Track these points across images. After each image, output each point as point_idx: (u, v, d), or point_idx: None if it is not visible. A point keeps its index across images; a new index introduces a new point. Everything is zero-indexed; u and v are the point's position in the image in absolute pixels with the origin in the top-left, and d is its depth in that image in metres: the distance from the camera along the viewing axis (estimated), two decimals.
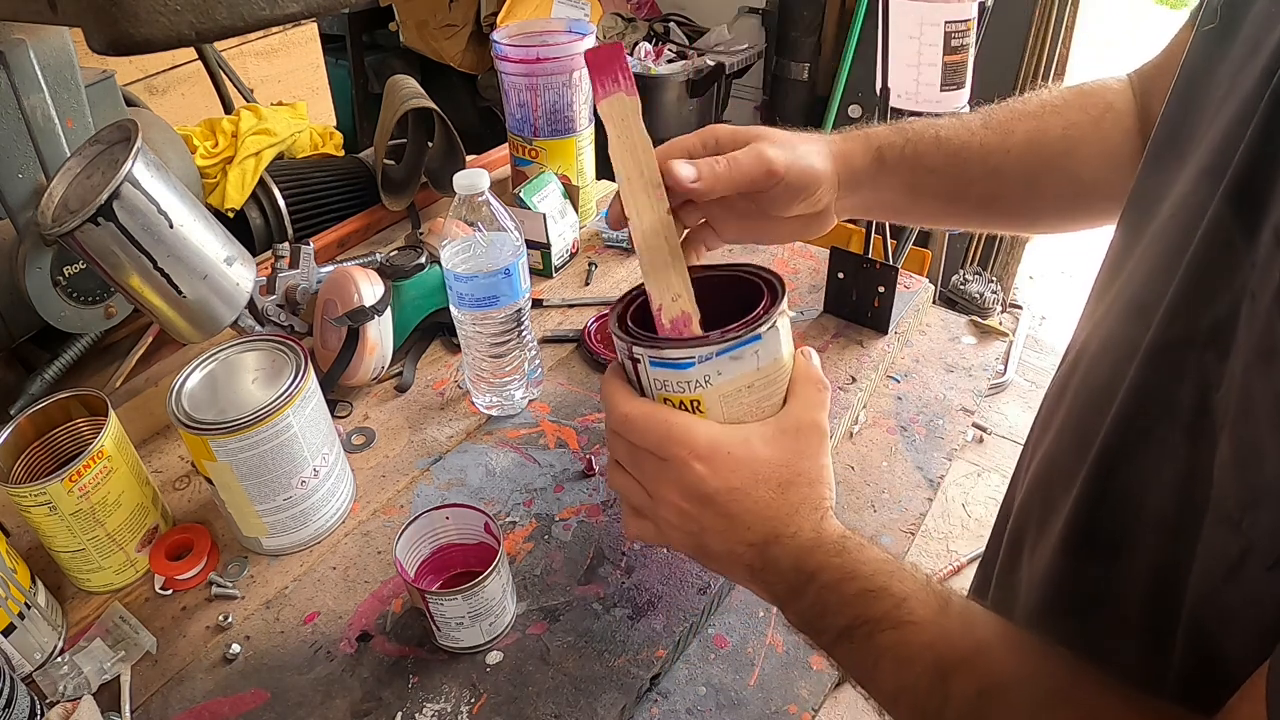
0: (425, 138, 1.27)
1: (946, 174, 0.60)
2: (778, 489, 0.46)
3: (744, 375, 0.46)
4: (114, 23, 0.44)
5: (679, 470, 0.46)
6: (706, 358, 0.45)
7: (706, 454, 0.46)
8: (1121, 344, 0.44)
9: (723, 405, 0.47)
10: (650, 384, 0.47)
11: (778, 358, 0.47)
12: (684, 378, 0.46)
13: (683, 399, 0.47)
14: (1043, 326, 2.91)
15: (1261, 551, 0.31)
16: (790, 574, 0.46)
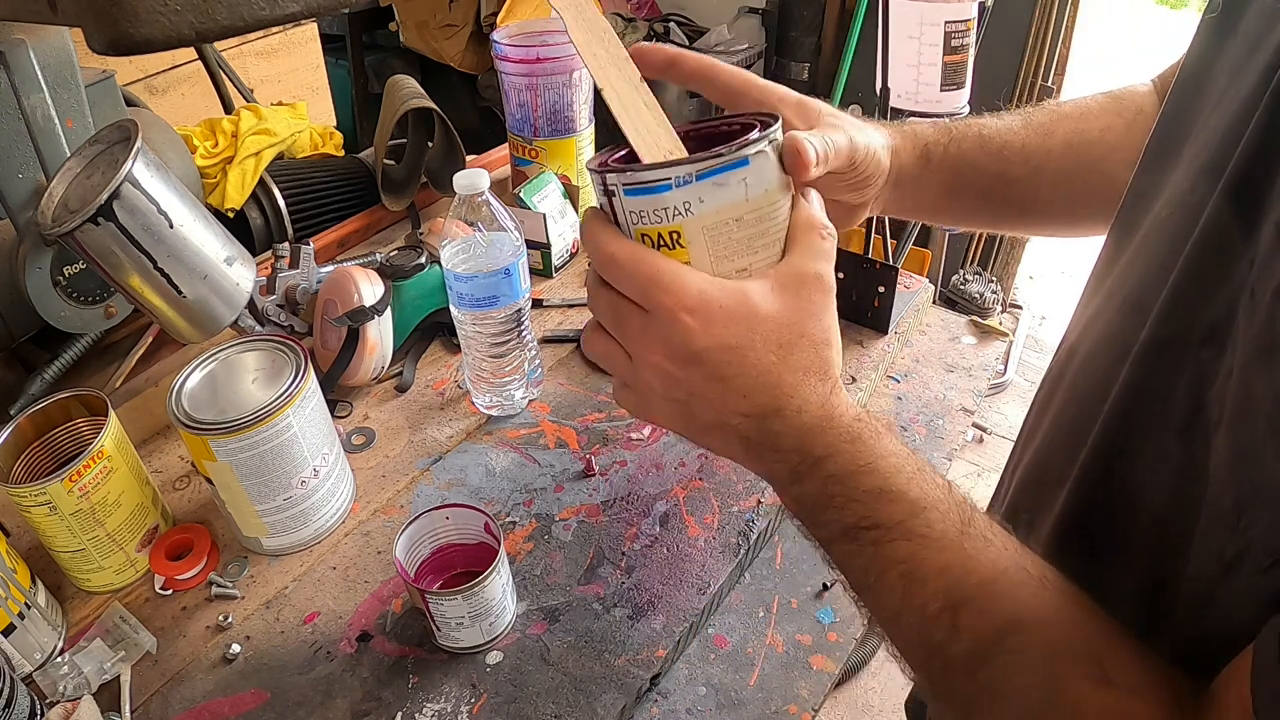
0: (425, 138, 1.27)
1: (988, 172, 0.59)
2: (779, 351, 0.41)
3: (731, 205, 0.40)
4: (114, 23, 0.44)
5: (665, 324, 0.40)
6: (685, 180, 0.39)
7: (696, 305, 0.40)
8: (1116, 341, 0.43)
9: (707, 239, 0.41)
10: (627, 219, 0.42)
11: (770, 190, 0.41)
12: (661, 204, 0.40)
13: (661, 231, 0.41)
14: (1043, 326, 2.91)
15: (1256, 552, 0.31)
16: (792, 455, 0.41)
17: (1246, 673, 0.29)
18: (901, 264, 1.35)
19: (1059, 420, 0.50)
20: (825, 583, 0.76)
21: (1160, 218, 0.43)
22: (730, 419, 0.42)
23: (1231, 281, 0.35)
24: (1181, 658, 0.36)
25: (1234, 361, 0.34)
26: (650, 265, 0.40)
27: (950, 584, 0.37)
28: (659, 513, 0.78)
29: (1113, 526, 0.42)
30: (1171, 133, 0.46)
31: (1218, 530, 0.34)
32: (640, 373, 0.43)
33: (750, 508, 0.78)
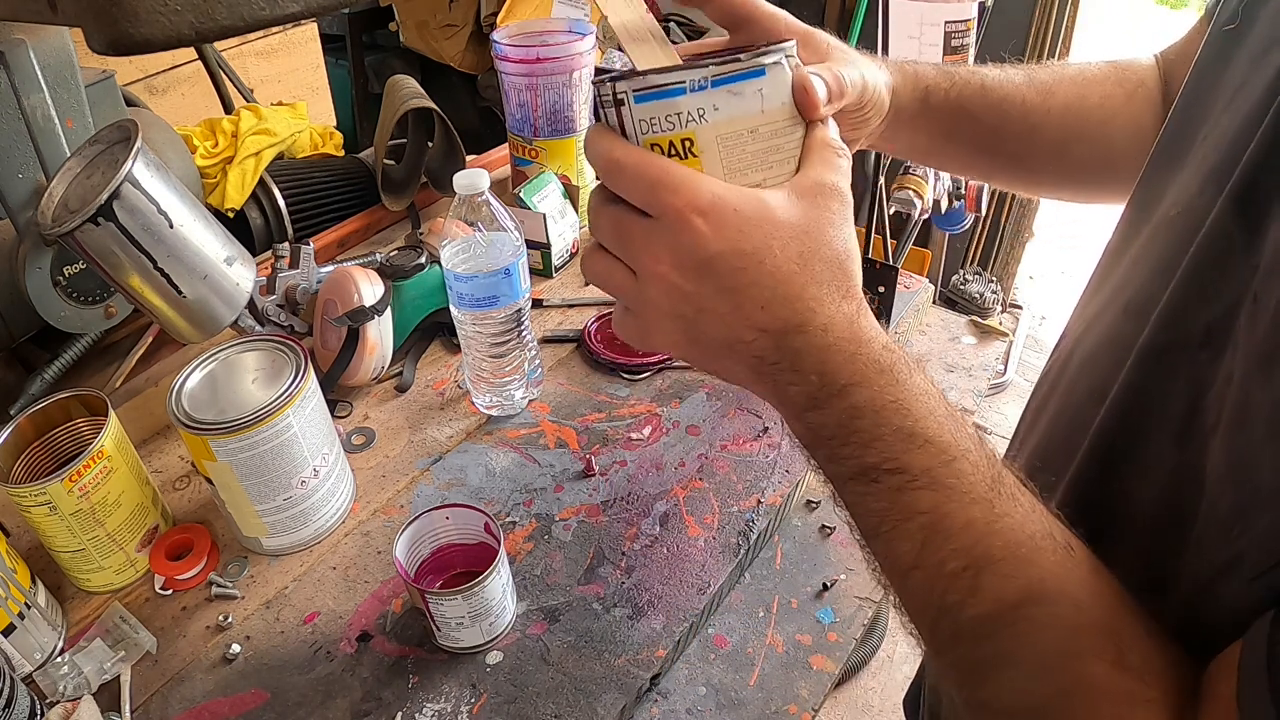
0: (425, 138, 1.27)
1: (986, 123, 0.59)
2: (799, 260, 0.37)
3: (746, 116, 0.39)
4: (114, 23, 0.44)
5: (673, 228, 0.37)
6: (700, 86, 0.38)
7: (708, 207, 0.37)
8: (1116, 343, 0.43)
9: (721, 149, 0.39)
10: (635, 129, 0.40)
11: (786, 104, 0.40)
12: (674, 108, 0.38)
13: (672, 138, 0.39)
14: (1043, 326, 2.91)
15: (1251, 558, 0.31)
16: (813, 377, 0.38)
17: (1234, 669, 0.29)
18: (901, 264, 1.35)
19: (1057, 419, 0.50)
20: (825, 582, 0.76)
21: (1168, 218, 0.43)
22: (744, 334, 0.38)
23: (1233, 286, 0.35)
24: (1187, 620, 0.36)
25: (1233, 366, 0.34)
26: (658, 166, 0.37)
27: (973, 541, 0.35)
28: (659, 513, 0.78)
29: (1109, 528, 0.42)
30: (1181, 131, 0.46)
31: (1213, 535, 0.33)
32: (644, 288, 0.39)
33: (750, 508, 0.79)
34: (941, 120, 0.58)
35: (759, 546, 0.78)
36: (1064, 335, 0.54)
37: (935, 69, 0.58)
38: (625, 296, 0.41)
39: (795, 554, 0.79)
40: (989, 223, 2.70)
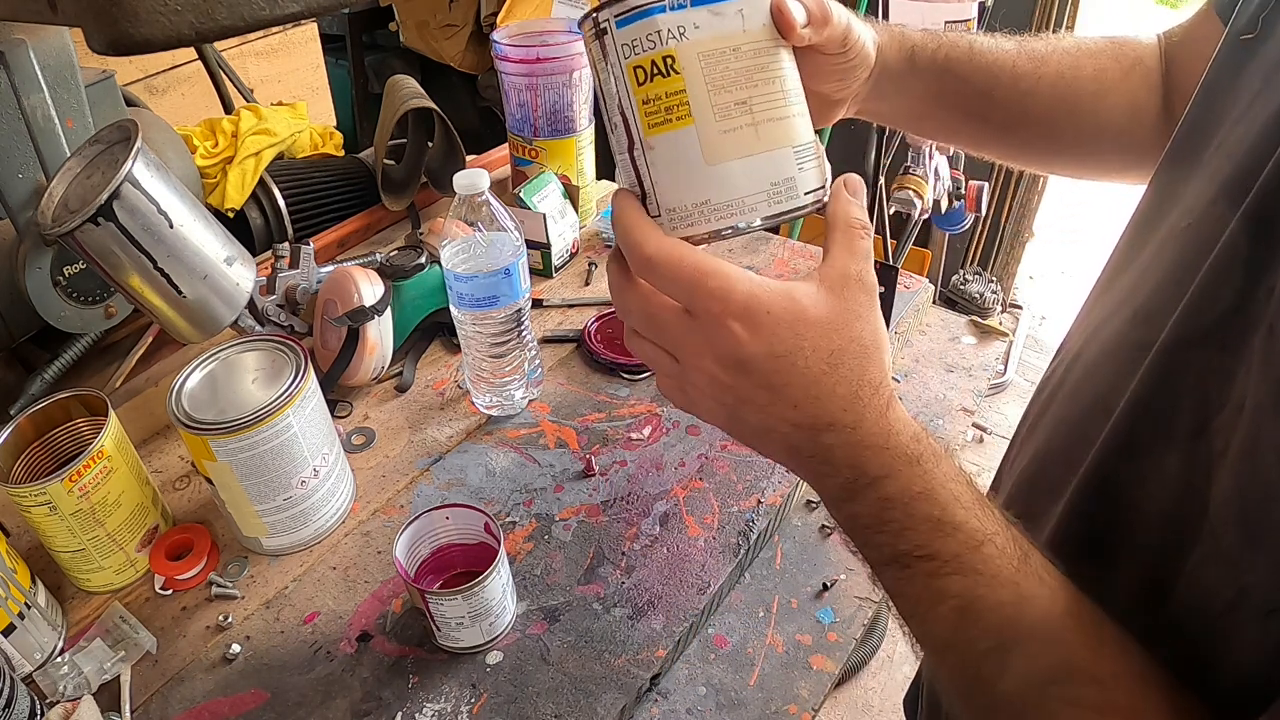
0: (425, 138, 1.27)
1: (974, 86, 0.58)
2: (829, 359, 0.39)
3: (728, 34, 0.39)
4: (114, 23, 0.44)
5: (711, 331, 0.38)
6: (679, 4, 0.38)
7: (742, 311, 0.38)
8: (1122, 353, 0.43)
9: (704, 65, 0.39)
10: (619, 55, 0.40)
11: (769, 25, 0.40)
12: (653, 27, 0.38)
13: (654, 57, 0.39)
14: (1043, 326, 2.91)
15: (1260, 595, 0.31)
16: (846, 470, 0.39)
17: None
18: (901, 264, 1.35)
19: (1057, 428, 0.49)
20: (825, 582, 0.76)
21: (1178, 228, 0.43)
22: (780, 427, 0.40)
23: (1246, 310, 0.35)
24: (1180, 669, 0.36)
25: (1245, 392, 0.33)
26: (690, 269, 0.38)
27: (1004, 622, 0.36)
28: (659, 513, 0.78)
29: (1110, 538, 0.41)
30: (1192, 137, 0.45)
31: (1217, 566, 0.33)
32: (688, 375, 0.41)
33: (750, 508, 0.79)
34: (928, 81, 0.57)
35: (759, 546, 0.78)
36: (1067, 340, 0.53)
37: (922, 32, 0.57)
38: (671, 377, 0.42)
39: (795, 554, 0.79)
40: (989, 223, 2.70)
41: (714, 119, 0.39)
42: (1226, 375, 0.35)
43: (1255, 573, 0.31)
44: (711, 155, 0.40)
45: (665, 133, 0.40)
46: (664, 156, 0.40)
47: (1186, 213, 0.42)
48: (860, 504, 0.40)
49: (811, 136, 0.42)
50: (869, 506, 0.39)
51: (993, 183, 2.56)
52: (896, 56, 0.55)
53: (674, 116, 0.40)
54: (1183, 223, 0.42)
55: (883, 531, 0.39)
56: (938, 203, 2.22)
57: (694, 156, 0.40)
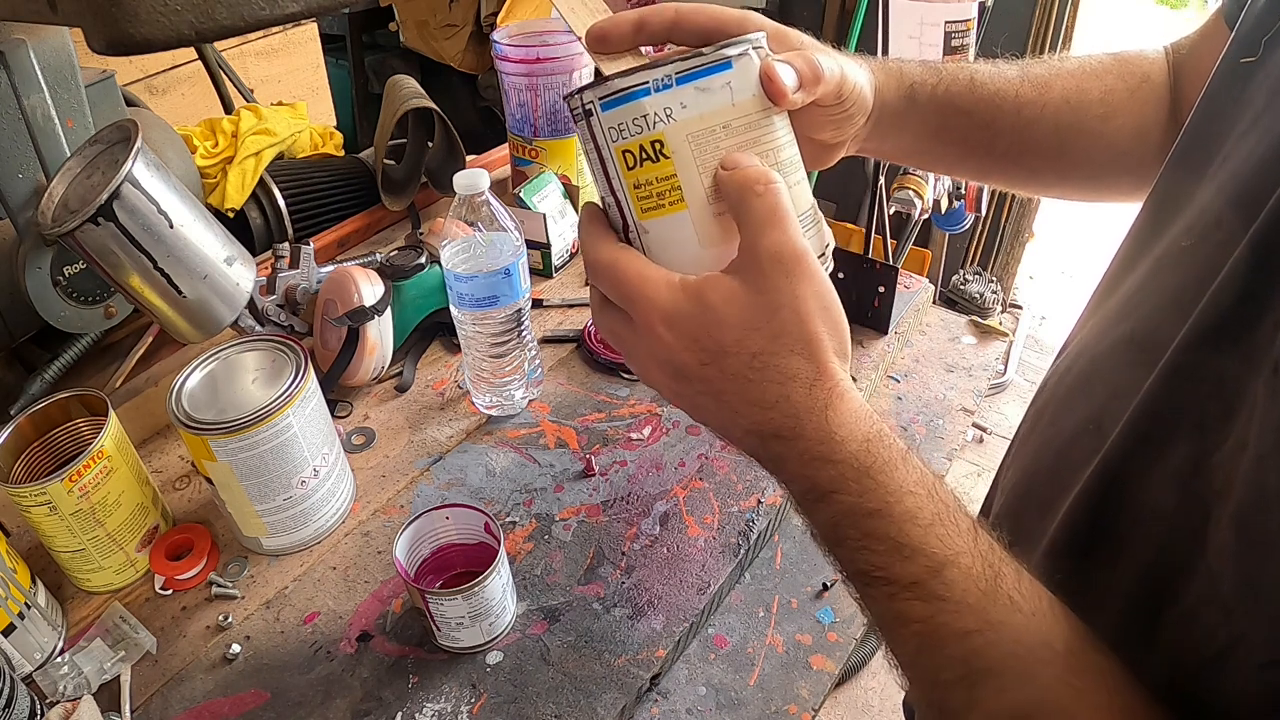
0: (425, 138, 1.27)
1: (977, 119, 0.56)
2: (752, 363, 0.36)
3: (717, 111, 0.37)
4: (114, 23, 0.44)
5: (648, 338, 0.38)
6: (665, 84, 0.36)
7: (668, 316, 0.37)
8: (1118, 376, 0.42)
9: (694, 149, 0.37)
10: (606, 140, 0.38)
11: (759, 94, 0.38)
12: (640, 111, 0.37)
13: (642, 142, 0.37)
14: (1043, 326, 2.91)
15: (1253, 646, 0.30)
16: (800, 480, 0.38)
17: None
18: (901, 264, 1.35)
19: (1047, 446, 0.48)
20: (825, 582, 0.76)
21: (1179, 248, 0.42)
22: (733, 431, 0.39)
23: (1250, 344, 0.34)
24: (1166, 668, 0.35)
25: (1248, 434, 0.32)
26: (624, 273, 0.37)
27: (969, 653, 0.34)
28: (659, 513, 0.78)
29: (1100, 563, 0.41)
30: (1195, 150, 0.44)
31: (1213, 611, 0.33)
32: (649, 377, 0.41)
33: (750, 508, 0.79)
34: (928, 118, 0.55)
35: (759, 546, 0.78)
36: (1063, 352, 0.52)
37: (921, 65, 0.55)
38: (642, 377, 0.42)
39: (795, 554, 0.79)
40: (989, 223, 2.70)
41: (707, 202, 0.38)
42: (1227, 410, 0.34)
43: (1252, 623, 0.30)
44: (706, 239, 0.39)
45: (659, 218, 0.39)
46: (659, 240, 0.40)
47: (1188, 231, 0.41)
48: (815, 516, 0.38)
49: (810, 203, 0.41)
50: (824, 519, 0.38)
51: None
52: (895, 96, 0.54)
53: (666, 202, 0.39)
54: (1184, 241, 0.41)
55: (841, 546, 0.37)
56: (938, 203, 2.22)
57: (688, 238, 0.39)
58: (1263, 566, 0.30)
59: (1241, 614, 0.31)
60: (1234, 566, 0.32)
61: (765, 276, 0.36)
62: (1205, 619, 0.33)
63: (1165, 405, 0.38)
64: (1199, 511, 0.34)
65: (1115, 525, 0.40)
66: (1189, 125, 0.46)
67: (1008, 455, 0.57)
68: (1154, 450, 0.38)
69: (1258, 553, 0.31)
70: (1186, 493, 0.35)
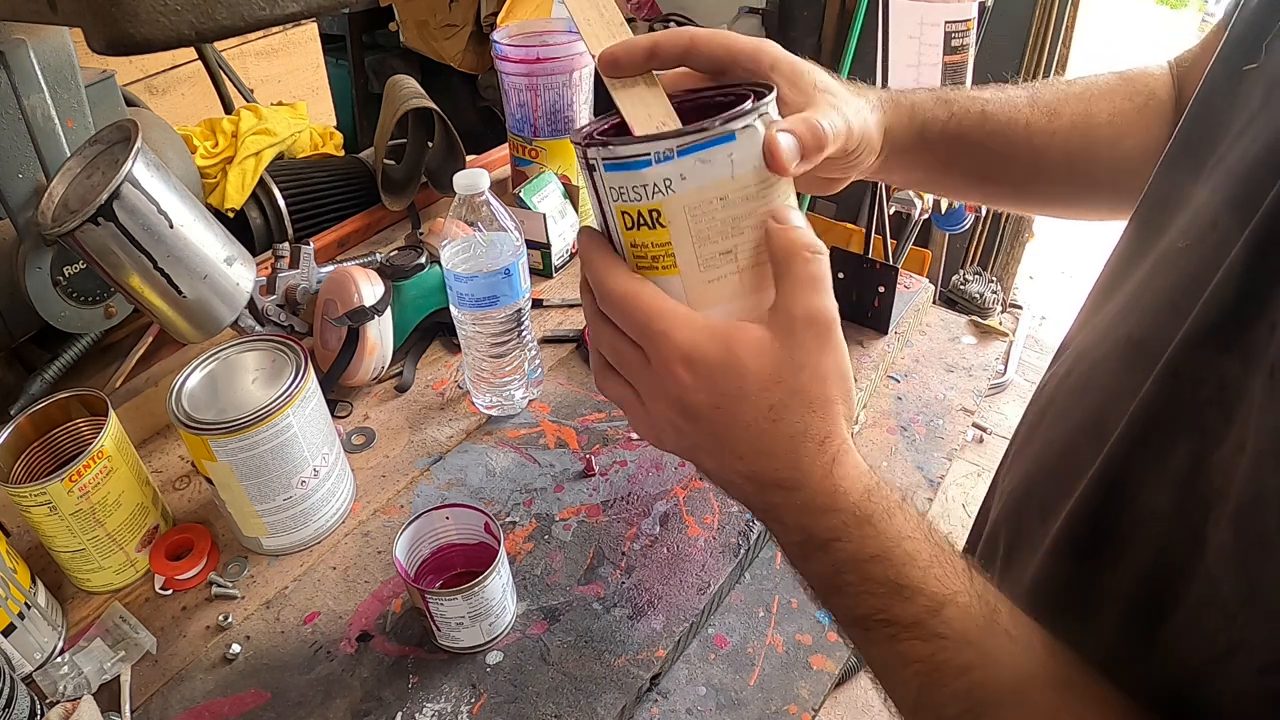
0: (425, 138, 1.27)
1: (987, 150, 0.56)
2: (768, 414, 0.37)
3: (716, 183, 0.37)
4: (114, 23, 0.44)
5: (662, 374, 0.38)
6: (666, 156, 0.36)
7: (687, 357, 0.37)
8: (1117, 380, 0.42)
9: (689, 219, 0.38)
10: (607, 195, 0.39)
11: (760, 168, 0.38)
12: (640, 180, 0.37)
13: (640, 209, 0.38)
14: (1043, 326, 2.91)
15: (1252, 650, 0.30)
16: (796, 532, 0.39)
17: None
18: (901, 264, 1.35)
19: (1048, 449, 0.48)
20: None
21: (1175, 249, 0.41)
22: (732, 477, 0.40)
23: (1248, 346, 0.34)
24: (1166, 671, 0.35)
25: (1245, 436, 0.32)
26: (645, 308, 0.38)
27: (971, 687, 0.35)
28: (659, 513, 0.78)
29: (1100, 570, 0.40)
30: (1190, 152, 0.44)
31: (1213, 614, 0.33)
32: (649, 415, 0.41)
33: None
34: (939, 152, 0.55)
35: (759, 546, 0.78)
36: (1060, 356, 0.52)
37: (933, 98, 0.55)
38: (636, 416, 0.42)
39: None
40: (989, 223, 2.70)
41: (698, 270, 0.39)
42: (1226, 412, 0.34)
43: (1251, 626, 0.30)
44: (697, 303, 0.40)
45: (652, 277, 0.40)
46: None
47: (1184, 233, 0.41)
48: (815, 565, 0.39)
49: None
50: (823, 568, 0.38)
51: None
52: (906, 134, 0.53)
53: (660, 265, 0.40)
54: (1180, 243, 0.41)
55: (841, 594, 0.38)
56: (938, 203, 2.22)
57: (679, 299, 0.40)
58: (1261, 568, 0.30)
59: (1241, 617, 0.31)
60: (1233, 568, 0.32)
61: (796, 336, 0.38)
62: (1205, 622, 0.33)
63: (1164, 407, 0.38)
64: (1199, 513, 0.34)
65: (1116, 528, 0.39)
66: (1182, 127, 0.46)
67: (1006, 459, 0.57)
68: (1154, 452, 0.38)
69: (1256, 554, 0.31)
70: (1186, 495, 0.35)
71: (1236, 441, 0.33)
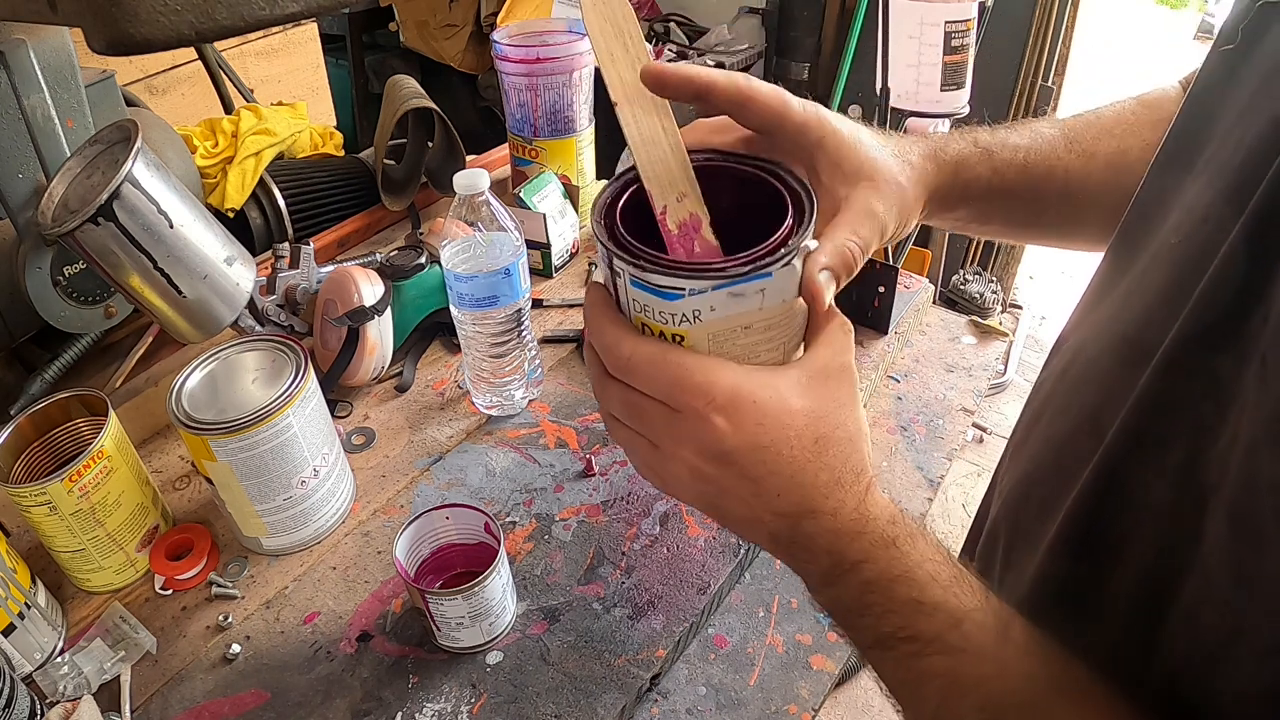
0: (425, 138, 1.27)
1: (1025, 202, 0.56)
2: (813, 447, 0.39)
3: (742, 315, 0.38)
4: (114, 23, 0.44)
5: (694, 424, 0.38)
6: (699, 291, 0.36)
7: (727, 404, 0.38)
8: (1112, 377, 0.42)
9: (710, 344, 0.39)
10: (629, 303, 0.39)
11: (787, 300, 0.39)
12: (669, 309, 0.37)
13: (664, 330, 0.39)
14: (1043, 326, 2.91)
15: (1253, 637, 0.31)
16: (824, 557, 0.40)
17: None
18: (901, 264, 1.35)
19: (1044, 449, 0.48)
20: None
21: (1168, 245, 0.42)
22: (762, 516, 0.41)
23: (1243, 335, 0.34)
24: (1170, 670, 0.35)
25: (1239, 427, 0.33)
26: (675, 366, 0.38)
27: (989, 697, 0.36)
28: (659, 513, 0.78)
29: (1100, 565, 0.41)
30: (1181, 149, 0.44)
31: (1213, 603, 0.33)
32: (669, 465, 0.41)
33: None
34: (979, 207, 0.55)
35: (759, 547, 0.78)
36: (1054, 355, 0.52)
37: (976, 153, 0.54)
38: (650, 465, 0.42)
39: None
40: None
41: None
42: (1220, 405, 0.34)
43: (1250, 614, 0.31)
44: None
45: None
46: None
47: (1176, 227, 0.41)
48: (841, 588, 0.40)
49: None
50: (850, 591, 0.40)
51: None
52: (948, 193, 0.52)
53: None
54: (1173, 239, 0.41)
55: (865, 615, 0.40)
56: None
57: None
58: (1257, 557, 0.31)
59: (1237, 605, 0.31)
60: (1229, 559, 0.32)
61: (833, 381, 0.40)
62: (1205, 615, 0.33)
63: (1160, 403, 0.38)
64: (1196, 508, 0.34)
65: (1116, 524, 0.40)
66: (1174, 127, 0.46)
67: (1003, 459, 0.57)
68: (1151, 448, 0.38)
69: (1250, 542, 0.31)
70: (1183, 490, 0.36)
71: (1231, 435, 0.33)
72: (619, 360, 0.40)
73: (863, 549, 0.39)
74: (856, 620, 0.40)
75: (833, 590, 0.41)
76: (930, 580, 0.38)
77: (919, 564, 0.39)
